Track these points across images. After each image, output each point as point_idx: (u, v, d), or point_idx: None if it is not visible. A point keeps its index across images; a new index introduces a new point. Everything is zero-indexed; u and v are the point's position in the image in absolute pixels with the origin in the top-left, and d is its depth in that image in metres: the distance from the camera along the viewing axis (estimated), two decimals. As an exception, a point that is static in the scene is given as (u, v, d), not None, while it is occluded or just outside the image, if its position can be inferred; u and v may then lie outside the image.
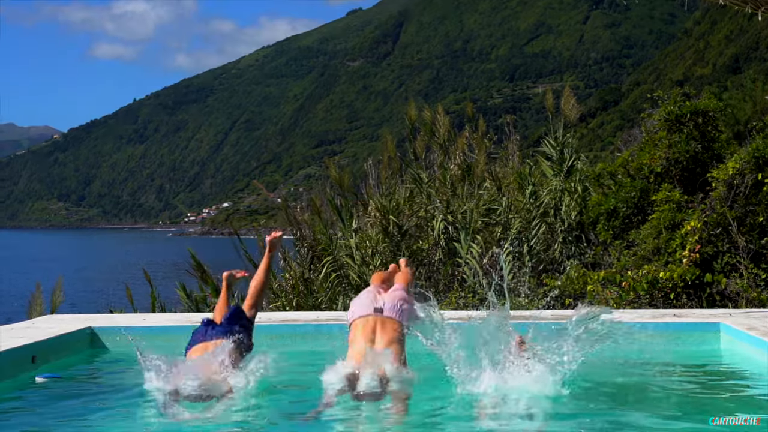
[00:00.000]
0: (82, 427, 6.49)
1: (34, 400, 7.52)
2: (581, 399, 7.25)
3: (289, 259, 14.90)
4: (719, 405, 7.18)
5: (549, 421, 6.52)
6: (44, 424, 6.66)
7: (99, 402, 7.35)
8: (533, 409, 6.42)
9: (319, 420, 6.25)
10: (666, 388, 7.79)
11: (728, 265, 12.50)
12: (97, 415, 6.84)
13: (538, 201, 14.87)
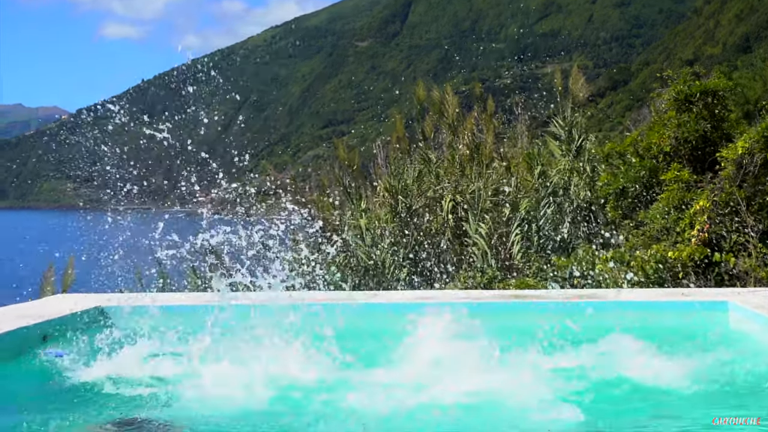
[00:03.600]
0: (90, 404, 6.53)
1: (43, 378, 7.58)
2: (590, 379, 7.30)
3: (298, 240, 14.93)
4: (726, 384, 7.20)
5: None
6: (53, 401, 6.71)
7: (107, 380, 7.40)
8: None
9: None
10: (673, 366, 7.81)
11: (737, 244, 12.49)
12: (105, 393, 6.88)
13: (547, 181, 14.85)
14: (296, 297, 11.36)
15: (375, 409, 6.36)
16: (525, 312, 9.94)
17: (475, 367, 7.78)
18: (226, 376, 7.28)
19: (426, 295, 10.82)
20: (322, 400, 6.50)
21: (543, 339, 8.91)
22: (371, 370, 7.79)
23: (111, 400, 6.65)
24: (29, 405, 6.76)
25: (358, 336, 9.08)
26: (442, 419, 6.07)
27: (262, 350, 8.36)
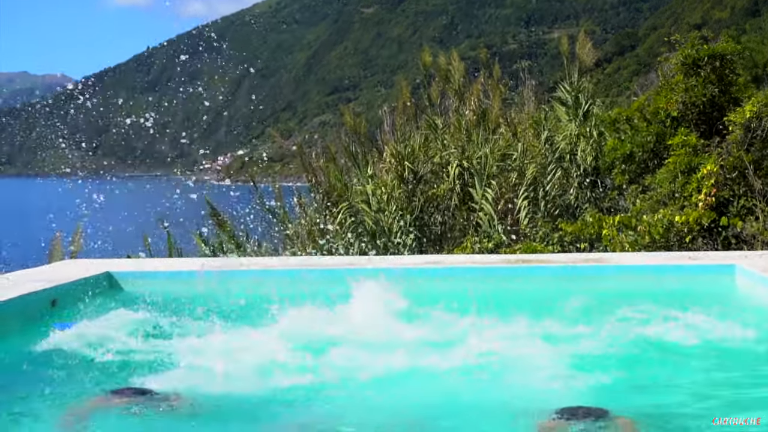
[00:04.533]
0: (98, 371, 6.56)
1: (52, 344, 7.62)
2: (597, 343, 7.32)
3: (305, 205, 14.95)
4: (733, 348, 7.22)
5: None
6: (63, 367, 6.75)
7: (117, 347, 7.44)
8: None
9: None
10: (680, 330, 7.83)
11: (744, 208, 12.48)
12: (113, 359, 6.91)
13: (554, 146, 14.83)
14: (303, 262, 11.42)
15: (381, 375, 6.36)
16: (532, 276, 9.96)
17: (480, 332, 7.82)
18: (232, 345, 7.30)
19: (433, 260, 10.84)
20: (332, 370, 6.50)
21: (549, 303, 8.96)
22: (377, 333, 7.83)
23: (120, 368, 6.68)
24: (39, 371, 6.80)
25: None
26: (447, 386, 6.08)
27: (271, 319, 8.40)
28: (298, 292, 9.83)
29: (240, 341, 7.39)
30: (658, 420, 5.27)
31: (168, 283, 10.24)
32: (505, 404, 5.63)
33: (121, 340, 7.65)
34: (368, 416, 5.67)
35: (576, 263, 10.22)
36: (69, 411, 5.68)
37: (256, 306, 8.77)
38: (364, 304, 8.40)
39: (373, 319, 8.17)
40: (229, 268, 10.67)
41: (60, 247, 13.54)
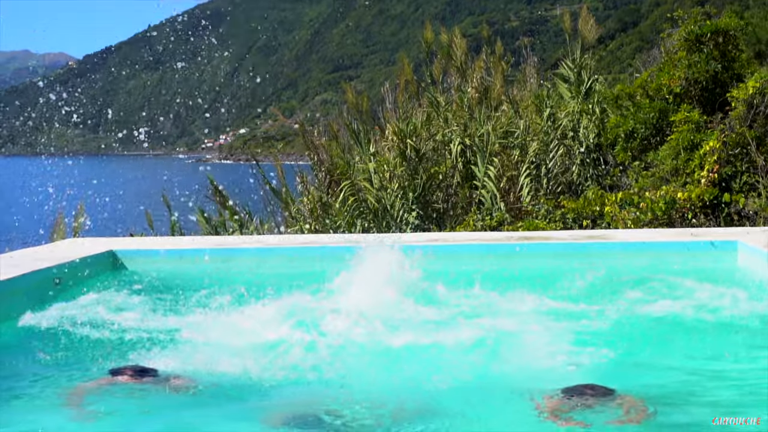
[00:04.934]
0: (101, 349, 6.58)
1: (56, 323, 7.64)
2: (601, 319, 7.34)
3: (307, 183, 14.95)
4: (736, 323, 7.24)
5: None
6: (67, 347, 6.77)
7: (118, 324, 7.47)
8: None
9: None
10: (683, 306, 7.84)
11: (747, 184, 12.48)
12: (116, 338, 6.93)
13: (556, 123, 14.80)
14: (306, 240, 11.43)
15: (383, 352, 6.38)
16: (534, 253, 9.97)
17: (482, 310, 7.84)
18: (235, 324, 7.32)
19: (436, 237, 10.86)
20: (334, 349, 6.52)
21: (552, 280, 8.97)
22: (379, 311, 7.85)
23: (123, 347, 6.70)
24: (42, 349, 6.82)
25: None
26: (448, 364, 6.07)
27: (274, 298, 8.42)
28: (301, 270, 9.87)
29: (243, 320, 7.41)
30: (665, 397, 5.27)
31: (171, 261, 10.26)
32: (508, 382, 5.62)
33: (124, 318, 7.68)
34: (369, 394, 5.66)
35: (578, 240, 10.23)
36: (72, 391, 5.70)
37: (259, 284, 8.79)
38: (367, 282, 8.41)
39: (375, 297, 8.19)
40: (231, 246, 10.69)
41: (63, 226, 13.56)
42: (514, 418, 5.06)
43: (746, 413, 5.16)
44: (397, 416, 5.15)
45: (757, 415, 5.11)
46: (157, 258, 10.29)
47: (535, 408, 5.05)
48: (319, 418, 5.00)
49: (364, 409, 5.29)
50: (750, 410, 5.24)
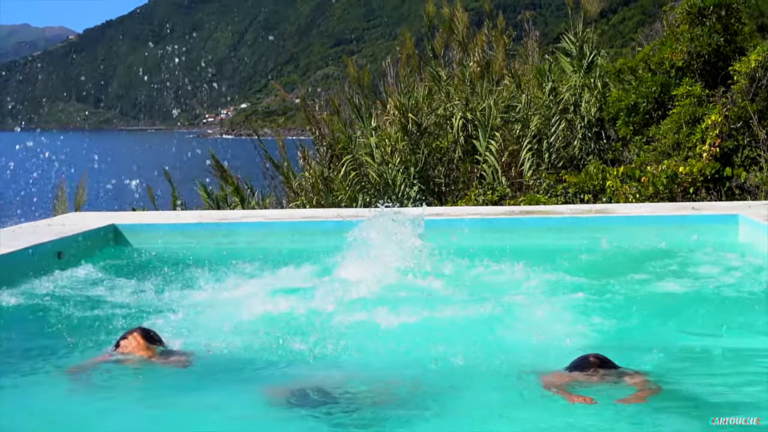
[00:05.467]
0: (102, 322, 6.60)
1: (58, 295, 7.67)
2: (598, 294, 7.35)
3: (309, 158, 14.93)
4: (738, 297, 7.25)
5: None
6: (69, 319, 6.79)
7: (120, 297, 7.49)
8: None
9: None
10: (684, 279, 7.86)
11: (748, 158, 12.47)
12: (117, 311, 6.96)
13: (558, 97, 14.76)
14: (307, 215, 11.44)
15: (383, 327, 6.37)
16: (536, 227, 9.98)
17: (484, 284, 7.85)
18: (236, 298, 7.33)
19: (437, 212, 10.87)
20: (334, 323, 6.52)
21: (554, 254, 8.98)
22: (379, 285, 7.86)
23: (125, 320, 6.72)
24: (44, 321, 6.85)
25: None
26: (449, 339, 6.06)
27: (274, 271, 8.44)
28: (302, 244, 9.89)
29: (244, 294, 7.43)
30: (668, 372, 5.25)
31: (173, 235, 10.28)
32: (511, 357, 5.59)
33: (125, 291, 7.71)
34: (369, 370, 5.66)
35: (580, 214, 10.23)
36: (76, 366, 5.71)
37: (261, 258, 8.82)
38: (369, 256, 8.43)
39: (375, 272, 8.21)
40: (233, 220, 10.70)
41: (64, 200, 13.57)
42: (520, 393, 5.04)
43: (749, 389, 5.16)
44: (397, 392, 5.13)
45: (759, 392, 5.12)
46: (158, 232, 10.31)
47: (541, 383, 5.01)
48: (320, 392, 5.00)
49: (363, 384, 5.26)
50: (753, 386, 5.24)
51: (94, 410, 5.10)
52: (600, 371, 4.94)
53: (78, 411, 5.09)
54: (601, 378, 4.92)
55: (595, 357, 5.07)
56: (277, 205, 14.54)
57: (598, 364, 4.98)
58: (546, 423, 4.56)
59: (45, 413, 5.06)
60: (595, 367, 4.96)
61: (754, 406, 4.86)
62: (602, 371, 4.95)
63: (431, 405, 4.94)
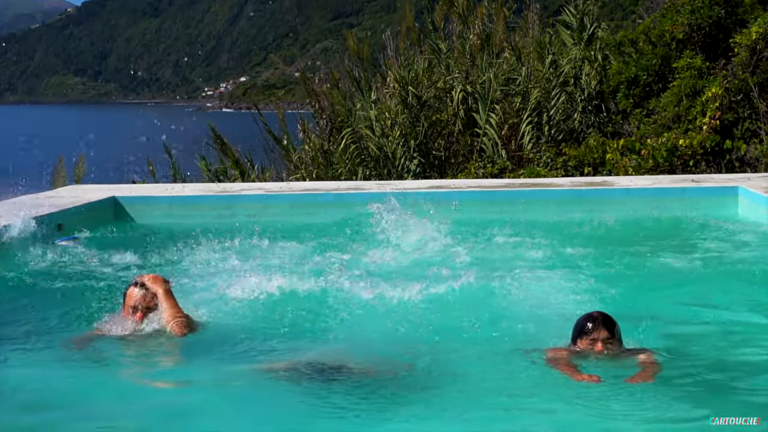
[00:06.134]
0: (103, 293, 6.60)
1: (58, 267, 7.69)
2: (598, 266, 7.36)
3: (309, 131, 14.91)
4: (738, 269, 7.27)
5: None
6: (69, 291, 6.80)
7: (120, 269, 7.50)
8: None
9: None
10: (684, 250, 7.87)
11: (748, 131, 12.46)
12: (118, 283, 6.96)
13: (558, 70, 14.72)
14: (308, 187, 11.45)
15: (387, 298, 6.35)
16: (536, 200, 9.99)
17: (485, 257, 7.86)
18: (237, 269, 7.33)
19: (438, 184, 10.87)
20: (337, 293, 6.51)
21: (554, 227, 9.00)
22: (382, 257, 7.87)
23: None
24: (45, 292, 6.86)
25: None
26: (452, 312, 6.07)
27: (275, 243, 8.44)
28: (303, 216, 9.90)
29: (243, 267, 7.43)
30: (669, 343, 5.22)
31: (173, 208, 10.30)
32: (512, 331, 5.56)
33: (125, 263, 7.72)
34: (371, 345, 5.64)
35: (580, 187, 10.24)
36: (72, 339, 5.73)
37: (261, 231, 8.82)
38: (370, 228, 8.45)
39: (378, 243, 8.23)
40: (233, 192, 10.71)
41: (63, 173, 13.58)
42: (523, 369, 4.98)
43: (751, 359, 5.16)
44: (397, 367, 5.08)
45: (759, 361, 5.13)
46: (158, 204, 10.33)
47: (544, 359, 4.97)
48: (318, 366, 4.98)
49: (362, 358, 5.21)
50: (753, 357, 5.24)
51: (91, 380, 5.13)
52: (603, 331, 4.86)
53: (76, 380, 5.13)
54: (607, 349, 4.84)
55: (598, 312, 5.04)
56: (277, 179, 14.53)
57: (601, 319, 4.93)
58: (551, 402, 4.48)
59: (43, 382, 5.08)
60: (598, 321, 4.91)
61: (758, 377, 4.89)
62: (605, 334, 4.86)
63: (431, 379, 4.90)
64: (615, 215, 9.31)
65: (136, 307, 5.73)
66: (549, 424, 4.20)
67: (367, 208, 8.63)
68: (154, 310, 5.74)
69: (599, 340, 4.88)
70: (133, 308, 5.74)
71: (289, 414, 4.45)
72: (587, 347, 4.92)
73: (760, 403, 3.91)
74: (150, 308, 5.75)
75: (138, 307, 5.72)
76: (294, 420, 4.36)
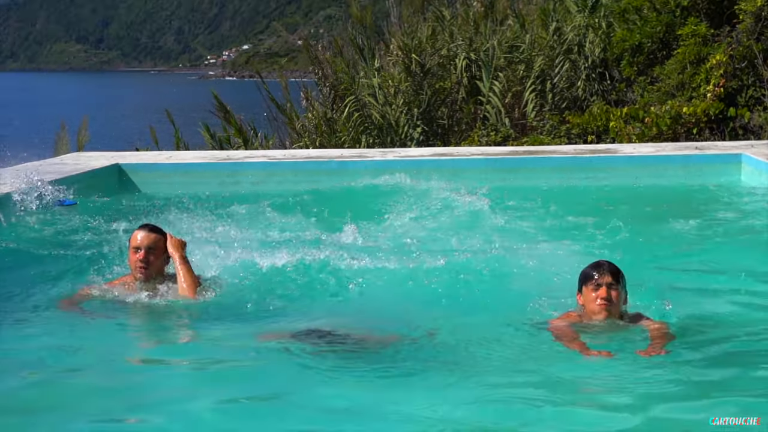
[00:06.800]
0: (106, 258, 6.62)
1: (61, 232, 7.72)
2: (605, 231, 7.37)
3: (312, 99, 14.89)
4: (741, 234, 7.29)
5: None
6: (72, 257, 6.82)
7: (125, 236, 7.51)
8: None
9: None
10: (688, 216, 7.88)
11: (752, 98, 12.44)
12: (122, 249, 6.97)
13: (562, 38, 14.65)
14: (311, 155, 11.46)
15: (390, 268, 6.35)
16: (540, 167, 9.99)
17: (490, 225, 7.88)
18: (241, 237, 7.34)
19: (442, 152, 10.88)
20: (337, 261, 6.50)
21: (559, 194, 9.01)
22: (383, 225, 7.89)
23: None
24: (48, 256, 6.89)
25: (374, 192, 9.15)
26: (454, 281, 6.04)
27: (278, 211, 8.46)
28: (305, 184, 9.92)
29: (246, 234, 7.44)
30: (674, 310, 5.20)
31: (176, 175, 10.31)
32: (516, 300, 5.54)
33: (129, 230, 7.72)
34: (372, 314, 5.65)
35: (583, 154, 10.25)
36: (65, 300, 5.75)
37: (264, 198, 8.85)
38: (372, 195, 8.46)
39: (380, 211, 8.24)
40: (237, 160, 10.72)
41: (66, 140, 13.58)
42: (528, 342, 4.94)
43: (755, 327, 5.15)
44: (401, 339, 5.06)
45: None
46: (162, 172, 10.35)
47: (551, 332, 4.91)
48: (323, 333, 4.98)
49: (364, 329, 5.20)
50: (759, 323, 5.24)
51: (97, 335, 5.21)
52: (607, 276, 4.81)
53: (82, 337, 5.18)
54: (610, 297, 4.77)
55: (603, 260, 5.04)
56: (280, 147, 14.53)
57: (606, 265, 4.92)
58: (558, 375, 4.40)
59: (42, 341, 5.13)
60: (603, 267, 4.90)
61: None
62: (609, 279, 4.76)
63: (438, 356, 4.83)
64: (618, 182, 9.32)
65: (138, 247, 5.73)
66: (559, 396, 4.15)
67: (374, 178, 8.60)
68: (158, 259, 5.77)
69: (604, 285, 4.86)
70: (136, 248, 5.74)
71: (302, 381, 4.44)
72: (591, 294, 4.89)
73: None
74: (152, 249, 5.75)
75: (140, 248, 5.72)
76: (309, 389, 4.36)
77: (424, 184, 9.16)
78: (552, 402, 4.05)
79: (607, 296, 4.86)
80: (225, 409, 4.09)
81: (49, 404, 4.18)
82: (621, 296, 4.93)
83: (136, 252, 5.74)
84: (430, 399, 4.12)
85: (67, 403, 4.20)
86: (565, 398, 4.11)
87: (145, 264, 5.73)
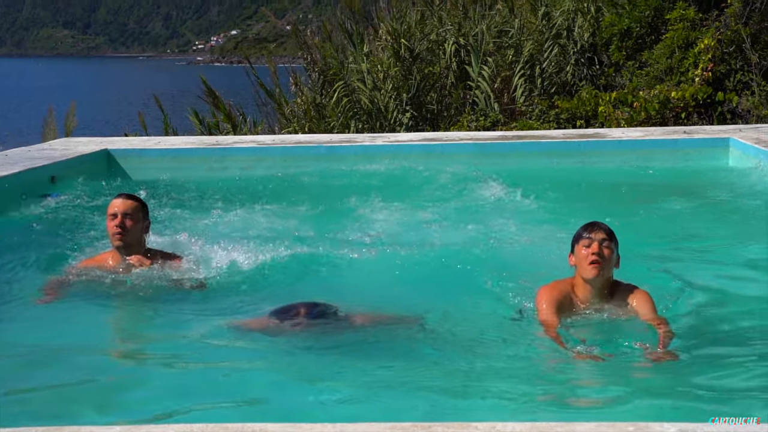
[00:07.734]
0: (95, 244, 6.61)
1: (51, 218, 7.70)
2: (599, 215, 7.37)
3: (301, 84, 14.86)
4: (728, 218, 7.31)
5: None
6: (59, 244, 6.80)
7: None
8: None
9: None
10: (676, 200, 7.91)
11: (740, 83, 12.47)
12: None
13: (551, 22, 14.65)
14: (301, 140, 11.44)
15: (383, 250, 6.37)
16: (529, 152, 9.99)
17: (480, 207, 7.89)
18: (231, 222, 7.34)
19: (431, 137, 10.88)
20: (329, 244, 6.51)
21: (547, 178, 9.02)
22: (374, 209, 7.89)
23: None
24: (37, 243, 6.87)
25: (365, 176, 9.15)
26: (446, 263, 6.07)
27: (268, 196, 8.46)
28: (296, 169, 9.91)
29: (236, 219, 7.45)
30: (668, 293, 5.20)
31: (165, 161, 10.28)
32: (502, 284, 5.53)
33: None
34: (360, 298, 5.62)
35: (572, 139, 10.26)
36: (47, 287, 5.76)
37: (254, 183, 8.84)
38: (363, 179, 8.47)
39: (370, 196, 8.24)
40: (226, 145, 10.70)
41: (54, 125, 13.53)
42: (516, 327, 4.92)
43: (745, 314, 5.16)
44: (395, 322, 5.06)
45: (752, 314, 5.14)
46: (151, 157, 10.32)
47: (542, 326, 4.79)
48: (332, 319, 4.97)
49: (358, 310, 5.20)
50: (749, 305, 5.25)
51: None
52: (600, 233, 4.72)
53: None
54: (602, 255, 4.72)
55: (599, 221, 4.97)
56: (269, 132, 14.50)
57: (599, 223, 4.87)
58: (545, 369, 4.39)
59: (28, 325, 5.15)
60: (596, 225, 4.86)
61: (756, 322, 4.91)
62: (602, 235, 4.68)
63: (424, 350, 4.80)
64: (607, 167, 9.34)
65: (114, 213, 5.71)
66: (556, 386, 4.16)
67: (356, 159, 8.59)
68: (135, 225, 5.76)
69: (596, 241, 4.79)
70: (113, 215, 5.72)
71: (300, 363, 4.48)
72: (583, 252, 4.82)
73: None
74: (128, 215, 5.72)
75: (116, 214, 5.71)
76: (306, 370, 4.38)
77: (413, 169, 9.16)
78: (537, 395, 4.03)
79: (599, 251, 4.77)
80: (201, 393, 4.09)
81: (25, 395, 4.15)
82: (613, 257, 4.85)
83: (113, 219, 5.71)
84: (413, 382, 4.14)
85: (41, 393, 4.17)
86: (554, 392, 4.08)
87: (122, 229, 5.70)
